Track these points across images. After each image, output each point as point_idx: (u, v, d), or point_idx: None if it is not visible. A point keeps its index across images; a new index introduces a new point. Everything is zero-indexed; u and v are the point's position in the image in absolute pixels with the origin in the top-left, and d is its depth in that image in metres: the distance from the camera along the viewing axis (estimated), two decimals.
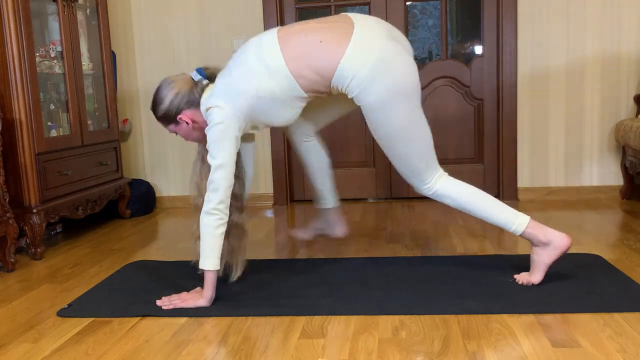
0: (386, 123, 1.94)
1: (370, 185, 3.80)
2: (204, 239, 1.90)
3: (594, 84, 3.48)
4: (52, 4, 2.99)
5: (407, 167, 2.03)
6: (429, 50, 3.69)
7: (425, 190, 2.07)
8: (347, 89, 1.91)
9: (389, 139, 1.99)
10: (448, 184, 2.05)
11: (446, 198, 2.05)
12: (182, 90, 1.97)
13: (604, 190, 3.54)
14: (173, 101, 1.97)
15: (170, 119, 2.01)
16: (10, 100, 2.64)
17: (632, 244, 2.50)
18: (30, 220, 2.66)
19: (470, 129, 3.68)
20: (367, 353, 1.56)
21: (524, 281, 2.02)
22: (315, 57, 1.85)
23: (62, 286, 2.26)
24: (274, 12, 3.63)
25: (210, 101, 1.94)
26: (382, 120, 1.94)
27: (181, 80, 2.00)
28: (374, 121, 1.96)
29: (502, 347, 1.56)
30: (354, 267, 2.30)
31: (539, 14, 3.45)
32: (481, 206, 2.03)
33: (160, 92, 2.00)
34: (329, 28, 1.89)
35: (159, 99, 2.00)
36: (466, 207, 2.04)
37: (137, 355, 1.61)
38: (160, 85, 2.02)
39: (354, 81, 1.87)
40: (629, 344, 1.54)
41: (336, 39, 1.85)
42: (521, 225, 2.01)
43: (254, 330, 1.75)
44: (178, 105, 1.98)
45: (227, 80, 1.95)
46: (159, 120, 2.03)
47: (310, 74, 1.87)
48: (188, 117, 2.00)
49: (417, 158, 2.01)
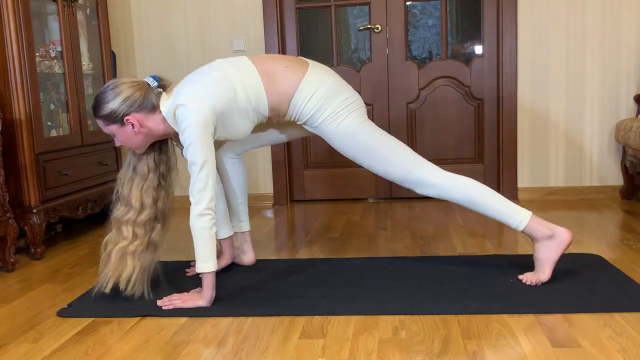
0: (347, 134, 2.04)
1: (370, 185, 3.80)
2: (199, 242, 1.88)
3: (594, 84, 3.48)
4: (52, 4, 2.99)
5: (393, 171, 2.06)
6: (429, 50, 3.69)
7: (423, 189, 2.06)
8: (303, 110, 2.03)
9: (357, 149, 2.05)
10: (443, 177, 2.04)
11: (444, 193, 2.04)
12: (136, 92, 1.94)
13: (604, 190, 3.54)
14: (125, 102, 1.92)
15: (116, 119, 1.94)
16: (10, 100, 2.64)
17: (632, 244, 2.50)
18: (30, 220, 2.66)
19: (470, 129, 3.68)
20: (367, 353, 1.56)
21: (532, 281, 2.00)
22: (281, 78, 2.01)
23: (62, 286, 2.26)
24: (274, 12, 3.63)
25: (182, 99, 1.90)
26: (342, 133, 2.03)
27: (135, 83, 1.96)
28: (335, 137, 2.06)
29: (502, 347, 1.56)
30: (354, 267, 2.30)
31: (539, 13, 3.45)
32: (482, 199, 2.02)
33: (107, 91, 1.94)
34: (291, 60, 2.08)
35: (106, 98, 1.93)
36: (466, 201, 2.03)
37: (137, 355, 1.61)
38: (109, 84, 1.96)
39: (311, 101, 2.01)
40: (629, 344, 1.54)
41: (297, 67, 2.05)
42: (524, 220, 2.00)
43: (254, 330, 1.75)
44: (129, 106, 1.92)
45: (201, 83, 1.94)
46: (98, 118, 1.97)
47: (275, 92, 2.00)
48: (136, 120, 1.94)
49: (394, 159, 2.04)
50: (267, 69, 2.01)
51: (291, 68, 2.03)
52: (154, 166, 2.06)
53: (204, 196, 1.87)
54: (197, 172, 1.87)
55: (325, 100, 2.02)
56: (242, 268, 2.36)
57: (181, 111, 1.89)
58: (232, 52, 3.69)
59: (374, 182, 3.79)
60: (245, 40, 3.68)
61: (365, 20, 3.69)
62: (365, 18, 3.69)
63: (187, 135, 1.87)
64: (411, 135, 3.72)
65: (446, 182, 2.04)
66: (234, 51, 3.69)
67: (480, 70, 3.62)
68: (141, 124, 1.96)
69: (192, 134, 1.87)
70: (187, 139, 1.87)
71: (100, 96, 1.95)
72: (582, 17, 3.43)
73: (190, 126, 1.86)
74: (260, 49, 3.67)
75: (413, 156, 2.07)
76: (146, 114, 1.96)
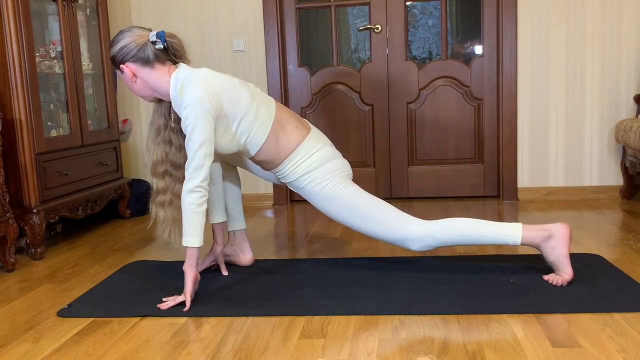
0: (330, 196, 2.10)
1: (370, 185, 3.80)
2: (186, 216, 1.93)
3: (594, 84, 3.48)
4: (52, 4, 2.99)
5: (381, 229, 2.10)
6: (429, 50, 3.69)
7: (415, 244, 2.08)
8: (294, 170, 2.11)
9: (342, 212, 2.11)
10: (430, 225, 2.07)
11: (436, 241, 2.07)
12: (131, 43, 2.01)
13: (604, 190, 3.54)
14: (122, 49, 2.02)
15: (115, 64, 2.06)
16: (10, 100, 2.64)
17: (632, 244, 2.50)
18: (30, 220, 2.66)
19: (470, 129, 3.68)
20: (367, 353, 1.56)
21: (558, 281, 1.99)
22: (286, 134, 2.10)
23: (62, 286, 2.26)
24: (274, 12, 3.63)
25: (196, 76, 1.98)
26: (326, 194, 2.10)
27: (139, 33, 2.04)
28: (319, 198, 2.12)
29: (502, 347, 1.56)
30: (354, 267, 2.30)
31: (539, 14, 3.45)
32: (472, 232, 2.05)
33: (118, 35, 2.05)
34: (299, 121, 2.17)
35: (114, 41, 2.05)
36: (460, 239, 2.06)
37: (137, 355, 1.61)
38: (123, 30, 2.07)
39: (305, 163, 2.09)
40: (629, 344, 1.54)
41: (302, 130, 2.14)
42: (517, 233, 2.01)
43: (254, 330, 1.75)
44: (125, 54, 2.02)
45: (225, 77, 2.04)
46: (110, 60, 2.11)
47: (275, 143, 2.08)
48: (130, 70, 2.03)
49: (380, 217, 2.09)
50: (282, 120, 2.11)
51: (299, 129, 2.12)
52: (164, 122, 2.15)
53: (198, 174, 1.92)
54: (194, 150, 1.92)
55: (317, 165, 2.10)
56: (241, 268, 2.36)
57: (190, 87, 1.95)
58: (232, 52, 3.69)
59: (374, 182, 3.79)
60: (245, 40, 3.68)
61: (365, 20, 3.69)
62: (365, 18, 3.69)
63: (186, 112, 1.93)
64: (411, 135, 3.72)
65: (434, 228, 2.06)
66: (234, 51, 3.69)
67: (480, 70, 3.62)
68: (135, 73, 2.04)
69: (192, 112, 1.92)
70: (186, 116, 1.93)
71: (110, 42, 2.11)
72: (582, 17, 3.43)
73: (193, 103, 1.92)
74: (260, 49, 3.67)
75: (398, 213, 2.11)
76: (140, 66, 2.03)
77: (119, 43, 2.02)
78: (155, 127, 2.14)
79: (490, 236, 2.04)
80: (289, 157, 2.10)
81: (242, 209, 2.40)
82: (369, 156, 3.78)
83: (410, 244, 2.09)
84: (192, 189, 1.92)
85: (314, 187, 2.11)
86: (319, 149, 2.12)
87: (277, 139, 2.09)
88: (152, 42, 2.01)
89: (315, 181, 2.11)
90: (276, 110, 2.11)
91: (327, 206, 2.13)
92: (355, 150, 3.79)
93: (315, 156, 2.10)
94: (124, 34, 2.04)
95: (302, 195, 2.18)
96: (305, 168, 2.10)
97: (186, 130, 1.94)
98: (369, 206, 2.10)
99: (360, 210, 2.10)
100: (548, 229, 2.00)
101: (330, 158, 2.12)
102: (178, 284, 2.14)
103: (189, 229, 1.94)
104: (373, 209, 2.10)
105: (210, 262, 2.32)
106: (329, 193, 2.10)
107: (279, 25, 3.65)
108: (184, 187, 1.94)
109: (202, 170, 1.92)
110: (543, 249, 2.02)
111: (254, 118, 2.05)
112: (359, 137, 3.77)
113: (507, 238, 2.03)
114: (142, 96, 2.12)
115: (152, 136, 2.15)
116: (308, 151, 2.10)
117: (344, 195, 2.10)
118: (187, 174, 1.94)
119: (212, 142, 1.95)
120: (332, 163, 2.12)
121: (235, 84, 2.05)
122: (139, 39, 2.02)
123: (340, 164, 2.15)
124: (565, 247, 1.99)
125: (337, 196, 2.10)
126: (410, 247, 2.10)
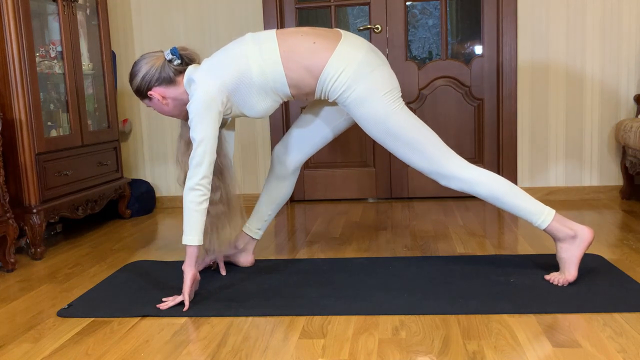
0: (377, 119, 2.00)
1: (370, 185, 3.80)
2: (187, 214, 1.94)
3: (594, 84, 3.48)
4: (52, 4, 2.99)
5: (421, 162, 2.03)
6: (429, 50, 3.69)
7: (448, 182, 2.04)
8: (332, 88, 1.99)
9: (386, 135, 2.02)
10: (472, 173, 2.02)
11: (470, 188, 2.02)
12: (153, 67, 2.03)
13: (604, 190, 3.54)
14: (145, 77, 2.04)
15: (143, 95, 2.08)
16: (10, 100, 2.64)
17: (632, 244, 2.50)
18: (30, 220, 2.66)
19: (470, 129, 3.68)
20: (367, 353, 1.56)
21: (559, 281, 1.99)
22: (308, 55, 1.98)
23: (62, 286, 2.26)
24: (274, 12, 3.63)
25: (196, 76, 2.00)
26: (372, 116, 2.00)
27: (154, 57, 2.06)
28: (364, 120, 2.02)
29: (502, 347, 1.56)
30: (354, 267, 2.30)
31: (539, 13, 3.45)
32: (506, 197, 2.00)
33: (134, 67, 2.07)
34: (321, 34, 2.03)
35: (133, 74, 2.07)
36: (490, 197, 2.02)
37: (137, 356, 1.61)
38: (137, 61, 2.08)
39: (340, 78, 1.96)
40: (629, 344, 1.54)
41: (327, 43, 1.99)
42: (547, 219, 1.99)
43: (254, 330, 1.75)
44: (149, 81, 2.04)
45: (218, 58, 2.03)
46: (135, 94, 2.12)
47: (299, 69, 1.98)
48: (158, 94, 2.05)
49: (423, 147, 2.01)
50: (292, 46, 1.98)
51: (320, 44, 1.98)
52: None
53: (198, 171, 1.93)
54: (194, 147, 1.94)
55: (354, 79, 1.96)
56: (241, 268, 2.36)
57: (192, 87, 2.00)
58: None
59: (374, 182, 3.79)
60: None
61: (365, 20, 3.69)
62: (365, 18, 3.69)
63: (191, 110, 1.96)
64: None
65: (475, 178, 2.01)
66: None
67: (480, 70, 3.62)
68: (163, 95, 2.06)
69: (195, 109, 1.95)
70: (190, 113, 1.96)
71: (129, 76, 2.10)
72: (582, 17, 3.43)
73: (194, 102, 1.96)
74: None
75: (444, 149, 2.04)
76: (166, 87, 2.06)
77: (139, 73, 2.04)
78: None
79: (521, 209, 2.01)
80: (320, 77, 1.98)
81: (267, 224, 2.41)
82: (369, 156, 3.78)
83: (443, 181, 2.05)
84: (192, 187, 1.93)
85: (356, 106, 1.99)
86: (351, 61, 1.95)
87: (298, 65, 1.97)
88: (169, 60, 2.04)
89: (357, 100, 1.97)
90: (279, 42, 1.98)
91: (374, 130, 2.02)
92: (355, 150, 3.79)
93: (348, 70, 1.95)
94: (140, 64, 2.05)
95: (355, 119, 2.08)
96: (342, 84, 1.96)
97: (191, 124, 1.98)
98: (415, 137, 2.01)
99: (405, 139, 2.01)
100: (575, 230, 1.99)
101: (367, 71, 1.96)
102: (178, 284, 2.14)
103: (188, 227, 1.94)
104: (419, 141, 2.00)
105: (210, 261, 2.32)
106: (375, 115, 1.98)
107: (278, 26, 3.65)
108: (186, 184, 1.95)
109: (201, 168, 1.93)
110: (560, 245, 2.01)
111: (260, 69, 1.98)
112: (359, 137, 3.77)
113: (535, 218, 2.00)
114: (176, 115, 2.13)
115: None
116: (339, 66, 1.95)
117: (389, 120, 1.98)
118: (188, 172, 1.95)
119: (213, 139, 1.95)
120: (373, 77, 1.96)
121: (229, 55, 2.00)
122: (156, 62, 2.04)
123: (383, 77, 1.98)
124: (582, 251, 1.99)
125: (383, 120, 1.98)
126: (440, 183, 2.07)
